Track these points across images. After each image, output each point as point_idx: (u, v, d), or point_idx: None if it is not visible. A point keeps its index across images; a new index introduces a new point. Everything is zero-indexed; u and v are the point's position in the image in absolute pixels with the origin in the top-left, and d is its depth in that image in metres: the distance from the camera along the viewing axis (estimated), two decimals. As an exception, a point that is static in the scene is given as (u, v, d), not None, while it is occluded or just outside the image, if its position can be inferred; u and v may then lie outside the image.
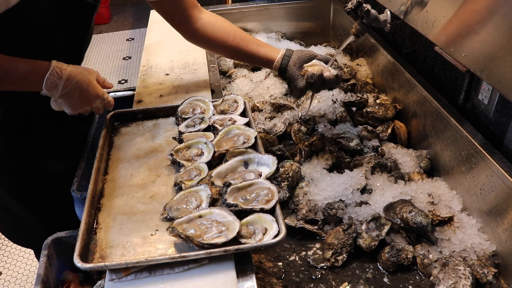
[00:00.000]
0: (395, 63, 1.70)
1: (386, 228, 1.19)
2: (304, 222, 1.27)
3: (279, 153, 1.49)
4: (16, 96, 1.25)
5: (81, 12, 1.29)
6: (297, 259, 1.21)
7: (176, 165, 1.17)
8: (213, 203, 1.03)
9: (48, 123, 1.41)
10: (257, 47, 1.45)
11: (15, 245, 2.67)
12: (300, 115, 1.66)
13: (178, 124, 1.34)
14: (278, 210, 0.98)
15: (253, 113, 1.69)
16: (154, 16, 2.32)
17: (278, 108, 1.72)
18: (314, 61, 1.42)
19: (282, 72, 1.42)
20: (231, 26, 1.47)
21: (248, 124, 1.28)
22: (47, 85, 1.11)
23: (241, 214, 0.98)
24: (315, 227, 1.27)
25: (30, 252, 2.62)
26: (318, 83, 1.41)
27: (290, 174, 1.37)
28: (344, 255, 1.18)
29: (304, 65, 1.41)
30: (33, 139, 1.40)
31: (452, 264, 1.09)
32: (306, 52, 1.42)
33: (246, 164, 1.14)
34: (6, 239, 2.71)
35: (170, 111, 1.41)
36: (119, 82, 4.44)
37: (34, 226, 1.56)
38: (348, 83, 1.83)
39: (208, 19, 1.45)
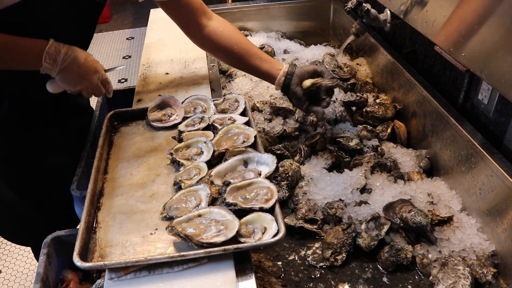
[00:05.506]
0: (395, 62, 1.70)
1: (386, 227, 1.20)
2: (303, 222, 1.27)
3: (278, 152, 1.49)
4: (21, 88, 1.30)
5: (89, 11, 1.32)
6: (296, 259, 1.21)
7: (175, 164, 1.17)
8: (212, 202, 1.03)
9: (49, 118, 1.42)
10: (260, 62, 1.45)
11: (14, 243, 2.67)
12: (296, 117, 1.66)
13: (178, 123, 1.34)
14: (277, 209, 0.98)
15: (252, 113, 1.69)
16: (154, 15, 2.32)
17: (277, 111, 1.72)
18: (313, 79, 1.41)
19: (285, 90, 1.44)
20: (238, 37, 1.46)
21: (247, 123, 1.28)
22: (46, 59, 1.15)
23: (240, 213, 0.98)
24: (315, 226, 1.27)
25: (29, 251, 2.62)
26: (315, 95, 1.41)
27: (290, 174, 1.37)
28: (344, 255, 1.18)
29: (303, 82, 1.41)
30: (35, 135, 1.40)
31: (451, 264, 1.09)
32: (306, 69, 1.42)
33: (245, 163, 1.14)
34: (5, 237, 2.71)
35: (170, 110, 1.41)
36: (119, 81, 4.44)
37: (34, 223, 1.56)
38: (348, 82, 1.83)
39: (216, 27, 1.45)
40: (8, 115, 1.34)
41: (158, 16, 2.29)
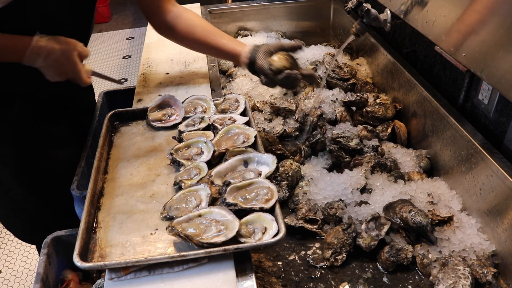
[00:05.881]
0: (395, 62, 1.70)
1: (386, 227, 1.20)
2: (303, 222, 1.27)
3: (279, 152, 1.49)
4: (32, 84, 1.32)
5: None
6: (296, 259, 1.21)
7: (175, 164, 1.17)
8: (212, 202, 1.03)
9: (59, 114, 1.43)
10: (224, 41, 1.45)
11: (14, 243, 2.68)
12: (296, 117, 1.66)
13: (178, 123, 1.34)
14: (277, 210, 0.98)
15: (252, 113, 1.69)
16: (154, 15, 2.31)
17: (277, 111, 1.72)
18: (280, 54, 1.36)
19: (251, 64, 1.40)
20: (201, 20, 1.48)
21: (248, 123, 1.28)
22: (26, 61, 1.18)
23: (240, 213, 0.98)
24: (315, 226, 1.27)
25: (29, 251, 2.62)
26: (289, 79, 1.35)
27: (290, 174, 1.37)
28: (344, 255, 1.18)
29: (270, 58, 1.36)
30: (45, 132, 1.42)
31: (451, 264, 1.09)
32: (273, 44, 1.40)
33: (245, 163, 1.14)
34: (5, 237, 2.71)
35: (170, 110, 1.41)
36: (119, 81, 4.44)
37: (41, 222, 1.56)
38: (348, 82, 1.83)
39: (179, 13, 1.46)
40: (20, 114, 1.34)
41: (158, 16, 2.29)
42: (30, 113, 1.37)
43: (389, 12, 1.40)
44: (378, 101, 1.69)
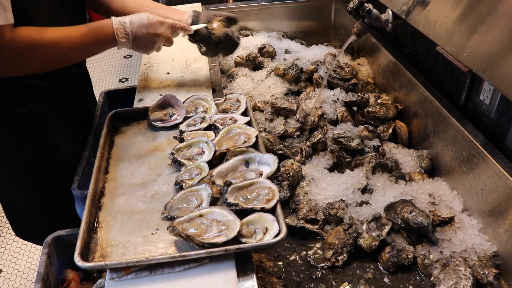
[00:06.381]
0: (396, 63, 1.70)
1: (387, 228, 1.19)
2: (304, 222, 1.27)
3: (280, 152, 1.49)
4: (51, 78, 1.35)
5: None
6: (297, 259, 1.21)
7: (177, 164, 1.17)
8: (213, 202, 1.03)
9: (60, 112, 1.44)
10: (159, 11, 1.47)
11: (15, 243, 2.68)
12: (297, 117, 1.65)
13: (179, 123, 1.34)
14: (278, 210, 0.98)
15: (253, 113, 1.69)
16: (155, 14, 2.32)
17: (278, 111, 1.72)
18: (219, 21, 1.43)
19: (193, 34, 1.44)
20: None
21: (249, 123, 1.28)
22: (120, 34, 1.26)
23: (241, 213, 0.98)
24: (316, 226, 1.27)
25: (30, 250, 2.63)
26: (225, 43, 1.44)
27: (291, 174, 1.37)
28: (345, 255, 1.18)
29: (208, 24, 1.42)
30: (44, 131, 1.41)
31: (452, 265, 1.09)
32: (212, 12, 1.45)
33: (247, 163, 1.14)
34: (6, 237, 2.71)
35: (171, 110, 1.41)
36: (120, 80, 4.44)
37: (42, 221, 1.56)
38: (349, 82, 1.83)
39: None
40: (24, 114, 1.35)
41: (159, 16, 2.29)
42: (33, 114, 1.37)
43: (390, 12, 1.40)
44: (379, 101, 1.69)
